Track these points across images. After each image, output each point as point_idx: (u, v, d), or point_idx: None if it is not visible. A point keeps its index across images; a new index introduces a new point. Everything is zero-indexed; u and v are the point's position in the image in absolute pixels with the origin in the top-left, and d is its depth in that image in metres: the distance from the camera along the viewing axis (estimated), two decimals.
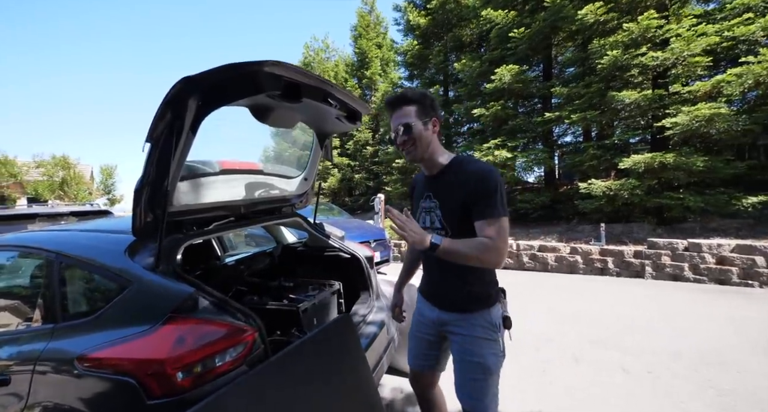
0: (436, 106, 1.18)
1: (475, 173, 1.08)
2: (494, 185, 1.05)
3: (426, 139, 1.14)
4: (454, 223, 1.13)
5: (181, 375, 1.00)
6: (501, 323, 1.18)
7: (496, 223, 1.03)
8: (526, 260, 5.58)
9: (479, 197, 1.05)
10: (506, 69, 7.45)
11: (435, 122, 1.16)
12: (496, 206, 1.03)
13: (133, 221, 1.21)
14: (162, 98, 1.08)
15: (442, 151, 1.19)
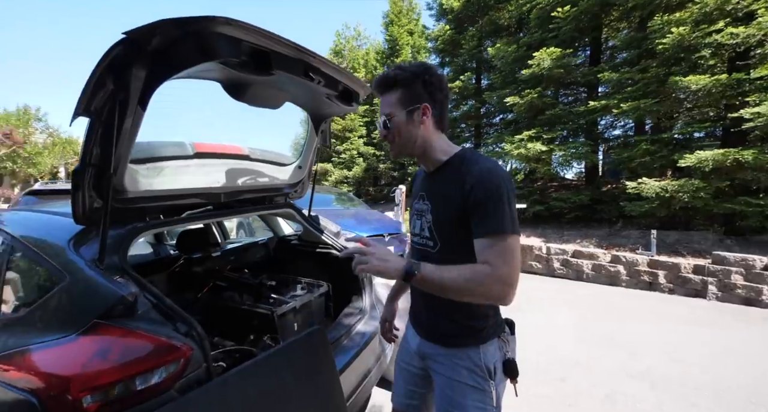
0: (433, 88, 0.88)
1: (477, 174, 0.81)
2: (498, 190, 0.78)
3: (409, 133, 0.89)
4: (444, 232, 0.89)
5: (90, 399, 0.81)
6: (497, 369, 0.90)
7: (500, 243, 0.77)
8: (557, 266, 5.05)
9: (478, 205, 0.80)
10: (546, 53, 6.74)
11: (425, 110, 0.87)
12: (499, 219, 0.77)
13: (73, 206, 1.04)
14: (98, 61, 0.88)
15: (441, 145, 0.92)
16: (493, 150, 8.79)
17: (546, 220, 7.68)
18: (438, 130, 0.92)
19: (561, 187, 8.92)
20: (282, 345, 1.16)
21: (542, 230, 7.12)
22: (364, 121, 14.72)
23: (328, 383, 1.23)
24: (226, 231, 2.86)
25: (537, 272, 5.22)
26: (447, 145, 0.93)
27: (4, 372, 0.87)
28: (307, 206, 2.07)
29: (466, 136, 11.17)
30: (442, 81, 0.90)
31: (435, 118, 0.90)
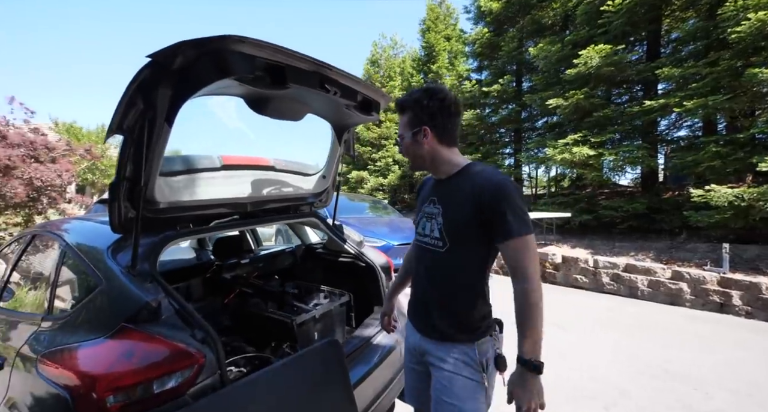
0: (432, 111, 0.99)
1: (491, 185, 0.91)
2: (510, 198, 0.89)
3: (416, 151, 1.02)
4: (454, 234, 0.97)
5: (112, 399, 0.87)
6: (489, 363, 1.00)
7: (525, 241, 0.88)
8: (607, 281, 4.58)
9: (497, 213, 0.89)
10: (594, 50, 6.27)
11: (425, 131, 0.99)
12: (519, 221, 0.88)
13: (110, 216, 1.14)
14: (129, 83, 0.97)
15: (450, 158, 1.03)
16: (535, 155, 8.31)
17: (595, 230, 7.06)
18: (444, 146, 1.01)
19: (613, 195, 8.16)
20: (294, 355, 1.17)
21: (590, 241, 6.54)
22: None
23: (342, 395, 1.21)
24: (260, 238, 3.00)
25: (582, 286, 4.78)
26: (455, 158, 1.03)
27: (46, 368, 0.98)
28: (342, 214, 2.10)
29: (506, 142, 10.73)
30: (443, 103, 0.98)
31: (438, 136, 1.00)
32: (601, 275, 4.63)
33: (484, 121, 9.81)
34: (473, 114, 9.57)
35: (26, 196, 7.31)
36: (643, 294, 4.27)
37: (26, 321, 1.26)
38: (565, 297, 4.39)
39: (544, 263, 5.25)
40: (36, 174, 7.39)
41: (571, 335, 3.13)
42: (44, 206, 7.88)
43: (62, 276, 1.28)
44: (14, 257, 1.68)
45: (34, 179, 7.35)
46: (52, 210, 8.26)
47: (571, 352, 2.78)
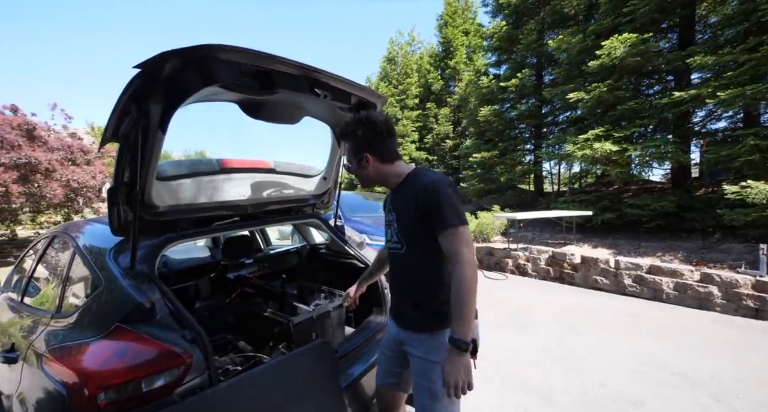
0: (367, 137, 1.11)
1: (424, 186, 1.05)
2: (443, 196, 1.01)
3: (362, 174, 1.16)
4: (408, 236, 1.11)
5: (103, 396, 0.92)
6: None
7: (459, 231, 0.99)
8: (629, 283, 4.34)
9: (435, 210, 1.01)
10: (619, 40, 5.93)
11: (367, 157, 1.12)
12: (453, 214, 1.00)
13: (110, 220, 1.20)
14: (121, 92, 1.01)
15: (394, 171, 1.15)
16: (554, 152, 8.00)
17: (619, 229, 6.72)
18: (387, 163, 1.14)
19: (641, 192, 7.73)
20: (283, 357, 1.19)
21: (613, 241, 6.23)
22: (416, 127, 14.67)
23: (330, 395, 1.22)
24: (269, 238, 3.07)
25: (603, 288, 4.56)
26: (399, 169, 1.15)
27: (48, 364, 1.04)
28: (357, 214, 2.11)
29: (525, 137, 10.40)
30: (375, 130, 1.10)
31: (379, 158, 1.12)
32: (623, 277, 4.40)
33: (501, 117, 9.54)
34: (490, 110, 9.33)
35: (64, 197, 7.87)
36: (669, 297, 4.02)
37: (40, 318, 1.35)
38: (582, 299, 4.21)
39: (561, 263, 5.06)
40: (73, 176, 7.93)
41: (586, 340, 3.00)
42: (80, 205, 8.45)
43: (72, 276, 1.36)
44: (37, 256, 1.81)
45: (71, 181, 7.89)
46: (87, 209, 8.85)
47: (585, 357, 2.66)
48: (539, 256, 5.33)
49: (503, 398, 2.16)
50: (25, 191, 7.14)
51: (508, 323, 3.46)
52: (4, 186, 6.73)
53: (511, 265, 5.72)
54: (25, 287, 1.76)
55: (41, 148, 7.77)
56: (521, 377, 2.40)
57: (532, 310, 3.87)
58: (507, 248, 5.86)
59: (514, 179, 9.55)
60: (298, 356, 1.20)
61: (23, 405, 1.16)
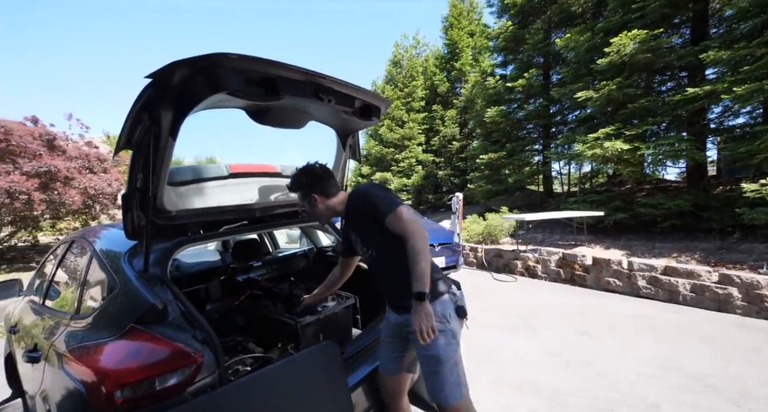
0: (312, 180, 1.38)
1: (356, 197, 1.32)
2: (371, 196, 1.25)
3: (315, 211, 1.41)
4: (370, 241, 1.33)
5: (119, 394, 0.96)
6: (451, 315, 1.26)
7: (396, 213, 1.19)
8: (643, 285, 4.24)
9: (371, 209, 1.23)
10: (628, 37, 5.84)
11: (315, 198, 1.37)
12: (384, 205, 1.21)
13: (124, 224, 1.25)
14: (134, 101, 1.06)
15: (338, 201, 1.40)
16: (563, 152, 7.89)
17: (632, 230, 6.57)
18: (332, 197, 1.39)
19: (655, 191, 7.55)
20: (291, 357, 1.21)
21: (626, 242, 6.10)
22: (423, 129, 14.67)
23: (338, 396, 1.23)
24: (277, 242, 3.12)
25: (615, 290, 4.47)
26: (341, 198, 1.40)
27: (68, 363, 1.09)
28: None
29: (534, 138, 10.28)
30: (316, 174, 1.39)
31: (323, 195, 1.38)
32: (637, 278, 4.30)
33: (509, 118, 9.47)
34: (497, 111, 9.27)
35: (82, 204, 8.13)
36: (685, 299, 3.91)
37: (60, 319, 1.41)
38: (594, 301, 4.13)
39: (572, 264, 4.97)
40: (90, 183, 8.19)
41: (598, 342, 2.94)
42: (97, 212, 8.71)
43: (89, 279, 1.41)
44: (57, 260, 1.89)
45: (88, 188, 8.16)
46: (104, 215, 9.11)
47: (596, 360, 2.61)
48: (549, 257, 5.25)
49: (511, 401, 2.14)
50: (45, 199, 7.41)
51: (516, 326, 3.42)
52: (27, 194, 7.00)
53: (520, 267, 5.65)
54: (46, 290, 1.84)
55: (60, 157, 8.06)
56: (530, 380, 2.37)
57: (541, 312, 3.81)
58: (516, 250, 5.79)
59: (522, 180, 9.44)
60: (306, 356, 1.22)
61: (46, 403, 1.21)
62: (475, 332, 3.30)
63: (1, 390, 2.31)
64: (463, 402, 1.24)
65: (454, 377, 1.23)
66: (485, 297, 4.53)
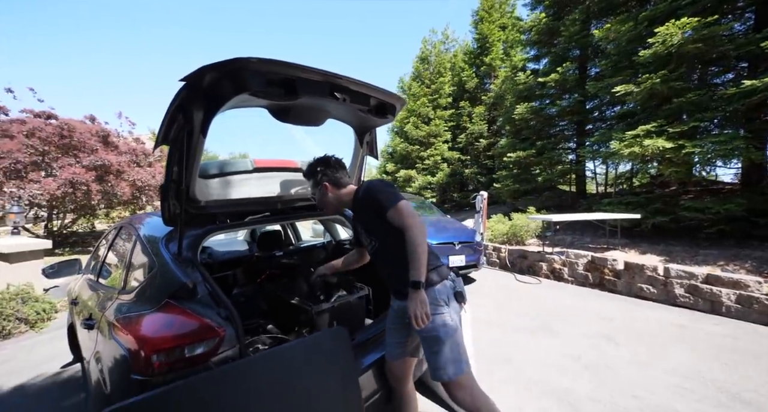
0: (325, 169, 1.49)
1: (363, 192, 1.42)
2: (375, 191, 1.35)
3: (325, 201, 1.52)
4: (373, 233, 1.43)
5: (155, 358, 1.10)
6: (450, 299, 1.35)
7: (397, 208, 1.27)
8: (680, 293, 3.96)
9: (375, 203, 1.33)
10: (676, 25, 5.41)
11: (326, 187, 1.48)
12: (387, 200, 1.30)
13: (162, 212, 1.41)
14: (170, 102, 1.19)
15: (346, 193, 1.50)
16: (598, 150, 7.47)
17: (674, 234, 6.12)
18: (342, 188, 1.50)
19: (704, 193, 6.96)
20: (302, 339, 1.31)
21: (666, 247, 5.69)
22: (449, 126, 14.46)
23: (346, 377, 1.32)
24: (299, 234, 3.27)
25: (649, 297, 4.21)
26: (350, 191, 1.50)
27: (116, 330, 1.26)
28: None
29: (567, 135, 9.80)
30: (328, 165, 1.50)
31: (333, 185, 1.49)
32: (673, 286, 4.02)
33: (539, 114, 9.09)
34: (526, 107, 8.94)
35: (131, 195, 8.90)
36: (729, 311, 3.61)
37: (110, 294, 1.61)
38: (623, 307, 3.93)
39: (602, 268, 4.75)
40: (138, 176, 8.94)
41: (622, 350, 2.82)
42: (143, 202, 9.50)
43: (134, 260, 1.60)
44: (108, 244, 2.14)
45: (136, 181, 8.90)
46: (149, 206, 9.92)
47: (619, 367, 2.51)
48: (577, 260, 5.04)
49: (525, 401, 2.13)
50: (101, 189, 8.20)
51: (535, 328, 3.35)
52: (86, 185, 7.79)
53: (545, 269, 5.47)
54: (99, 269, 2.09)
55: (113, 152, 8.87)
56: (545, 382, 2.34)
57: (564, 315, 3.70)
58: (542, 252, 5.61)
59: (553, 180, 9.04)
60: (317, 338, 1.32)
61: (99, 363, 1.40)
62: (492, 331, 3.28)
63: (66, 356, 2.66)
64: (465, 377, 1.31)
65: (455, 354, 1.30)
66: (506, 297, 4.46)
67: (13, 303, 3.80)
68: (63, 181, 7.49)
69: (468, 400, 1.30)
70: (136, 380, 1.09)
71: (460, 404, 1.31)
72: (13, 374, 2.81)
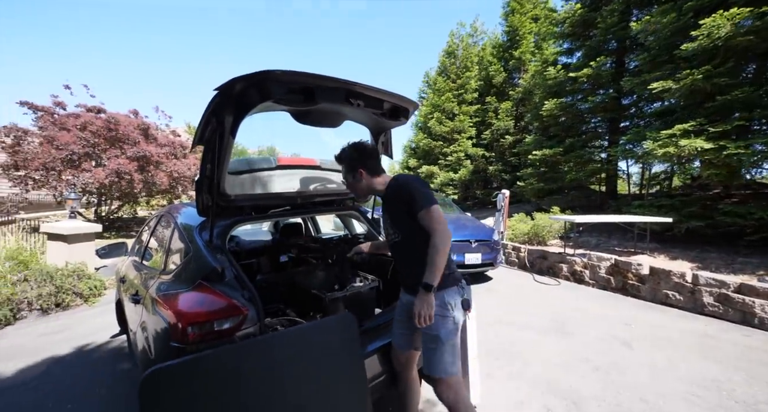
0: (362, 156, 1.52)
1: (399, 185, 1.43)
2: (412, 188, 1.36)
3: (358, 187, 1.55)
4: (399, 226, 1.46)
5: (190, 330, 1.29)
6: (456, 304, 1.40)
7: (429, 210, 1.31)
8: (709, 302, 3.77)
9: (408, 199, 1.35)
10: (724, 16, 5.03)
11: (361, 173, 1.51)
12: (422, 199, 1.33)
13: (196, 204, 1.60)
14: (205, 108, 1.36)
15: (380, 181, 1.52)
16: (630, 149, 7.11)
17: (710, 240, 5.78)
18: (375, 176, 1.52)
19: (750, 197, 6.46)
20: (314, 322, 1.46)
21: (699, 253, 5.39)
22: (474, 122, 14.20)
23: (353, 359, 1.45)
24: (319, 227, 3.46)
25: (675, 304, 4.04)
26: (383, 179, 1.53)
27: (159, 305, 1.47)
28: None
29: (599, 132, 9.36)
30: (366, 150, 1.53)
31: (370, 172, 1.51)
32: (702, 294, 3.84)
33: (569, 111, 8.75)
34: (555, 103, 8.62)
35: (168, 185, 9.56)
36: (763, 323, 3.41)
37: (153, 274, 1.85)
38: (645, 314, 3.81)
39: (625, 272, 4.59)
40: (174, 167, 9.56)
41: (636, 354, 2.77)
42: (179, 192, 10.17)
43: (172, 245, 1.82)
44: (150, 230, 2.40)
45: (173, 171, 9.53)
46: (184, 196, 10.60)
47: (629, 371, 2.49)
48: (599, 263, 4.91)
49: (528, 396, 2.19)
50: (142, 179, 8.88)
51: (549, 328, 3.35)
52: (130, 174, 8.47)
53: (565, 271, 5.36)
54: (143, 252, 2.36)
55: (152, 144, 9.54)
56: (551, 380, 2.38)
57: (579, 318, 3.65)
58: (563, 253, 5.50)
59: (581, 179, 8.70)
60: (327, 322, 1.46)
61: (144, 332, 1.63)
62: (503, 328, 3.32)
63: (113, 327, 3.01)
64: (455, 378, 1.38)
65: (450, 357, 1.37)
66: (521, 296, 4.44)
67: (71, 279, 4.30)
68: (110, 170, 8.19)
69: (451, 398, 1.37)
70: (174, 347, 1.29)
71: (443, 400, 1.39)
72: (71, 341, 3.22)
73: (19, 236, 7.20)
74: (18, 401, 2.24)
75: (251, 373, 1.17)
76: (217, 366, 1.12)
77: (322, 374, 1.34)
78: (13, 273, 4.04)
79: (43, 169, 7.96)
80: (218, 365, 1.13)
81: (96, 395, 2.29)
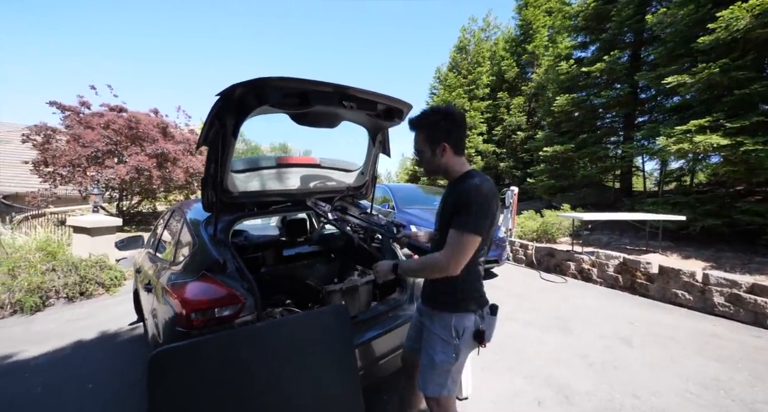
0: (450, 129, 1.22)
1: (461, 187, 1.18)
2: (468, 200, 1.12)
3: (434, 163, 1.28)
4: (443, 227, 1.24)
5: (193, 316, 1.41)
6: (465, 333, 1.24)
7: (456, 236, 1.12)
8: (719, 302, 3.69)
9: (456, 208, 1.15)
10: (743, 8, 4.83)
11: (444, 148, 1.23)
12: (468, 217, 1.11)
13: (202, 200, 1.72)
14: (209, 112, 1.47)
15: (457, 166, 1.27)
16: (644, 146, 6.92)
17: (726, 239, 5.60)
18: (458, 156, 1.27)
19: None
20: (308, 312, 1.55)
21: (714, 253, 5.24)
22: (485, 118, 14.03)
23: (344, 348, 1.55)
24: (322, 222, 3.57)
25: (684, 304, 3.96)
26: (461, 166, 1.27)
27: (167, 293, 1.60)
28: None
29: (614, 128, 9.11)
30: (456, 121, 1.22)
31: (454, 149, 1.24)
32: (712, 294, 3.76)
33: (582, 106, 8.55)
34: (567, 98, 8.45)
35: (185, 181, 9.91)
36: None
37: (164, 265, 1.99)
38: (651, 313, 3.76)
39: (634, 271, 4.53)
40: (190, 164, 9.89)
41: (636, 352, 2.77)
42: (195, 188, 10.51)
43: (181, 238, 1.96)
44: (164, 224, 2.56)
45: (189, 168, 9.87)
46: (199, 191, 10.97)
47: (626, 368, 2.49)
48: (607, 261, 4.85)
49: (521, 388, 2.24)
50: (161, 175, 9.24)
51: (551, 325, 3.36)
52: (149, 171, 8.84)
53: (573, 269, 5.31)
54: (156, 244, 2.52)
55: (170, 141, 9.89)
56: (546, 373, 2.42)
57: (583, 316, 3.65)
58: (570, 251, 5.44)
59: (594, 176, 8.51)
60: (321, 312, 1.55)
61: (155, 317, 1.77)
62: (506, 324, 3.36)
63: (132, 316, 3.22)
64: (444, 399, 1.27)
65: (441, 380, 1.26)
66: (526, 293, 4.45)
67: (94, 269, 4.58)
68: (130, 167, 8.56)
69: None
70: (179, 331, 1.41)
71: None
72: (93, 328, 3.46)
73: (48, 229, 7.66)
74: (46, 381, 2.45)
75: (248, 356, 1.27)
76: (216, 349, 1.23)
77: (315, 361, 1.43)
78: (43, 263, 4.33)
79: (69, 165, 8.40)
80: (218, 348, 1.23)
81: (115, 377, 2.48)
